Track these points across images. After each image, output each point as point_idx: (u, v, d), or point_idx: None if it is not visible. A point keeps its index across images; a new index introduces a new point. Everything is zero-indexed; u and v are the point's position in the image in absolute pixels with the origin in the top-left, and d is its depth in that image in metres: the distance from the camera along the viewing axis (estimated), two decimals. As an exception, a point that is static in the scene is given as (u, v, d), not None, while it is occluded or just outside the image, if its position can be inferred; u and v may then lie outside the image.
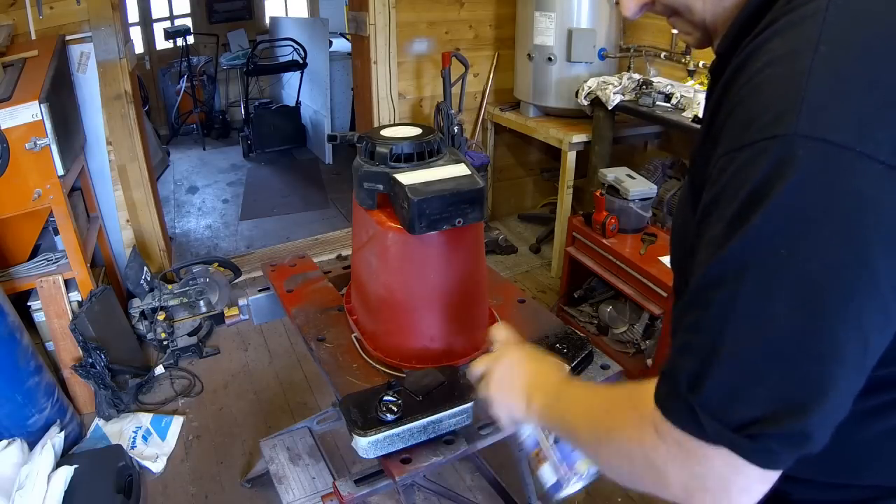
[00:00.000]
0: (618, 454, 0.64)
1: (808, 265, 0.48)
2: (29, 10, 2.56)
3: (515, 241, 3.79)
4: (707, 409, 0.53)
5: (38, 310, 2.36)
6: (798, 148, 0.47)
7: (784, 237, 0.48)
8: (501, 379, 0.86)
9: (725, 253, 0.52)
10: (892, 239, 0.47)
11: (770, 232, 0.49)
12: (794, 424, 0.50)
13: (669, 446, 0.57)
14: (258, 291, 1.80)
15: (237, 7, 7.02)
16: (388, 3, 3.30)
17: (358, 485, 1.18)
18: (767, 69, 0.52)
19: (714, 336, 0.52)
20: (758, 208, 0.49)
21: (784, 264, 0.48)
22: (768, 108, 0.50)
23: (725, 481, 0.54)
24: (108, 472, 1.90)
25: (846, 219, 0.47)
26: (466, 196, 1.16)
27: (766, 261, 0.49)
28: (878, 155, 0.46)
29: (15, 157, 2.08)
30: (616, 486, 2.06)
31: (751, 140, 0.51)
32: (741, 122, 0.53)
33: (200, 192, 4.88)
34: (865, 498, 0.67)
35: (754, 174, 0.49)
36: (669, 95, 2.72)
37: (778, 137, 0.48)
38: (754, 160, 0.50)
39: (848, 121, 0.47)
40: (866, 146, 0.46)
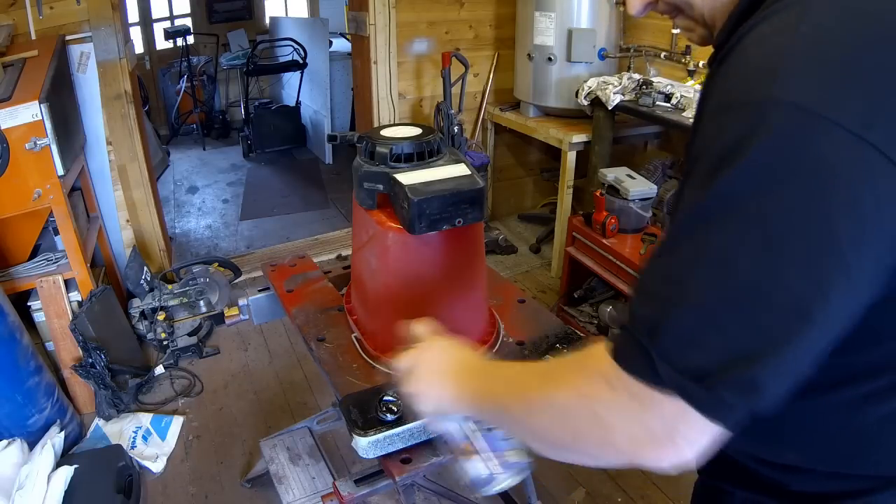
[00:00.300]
0: (557, 416, 0.63)
1: (773, 221, 0.50)
2: (29, 10, 2.56)
3: (515, 241, 3.79)
4: (663, 354, 0.54)
5: (38, 310, 2.36)
6: (771, 111, 0.50)
7: (752, 193, 0.50)
8: (427, 370, 0.84)
9: (695, 205, 0.54)
10: (853, 202, 0.49)
11: (739, 188, 0.51)
12: (745, 372, 0.51)
13: (619, 395, 0.57)
14: (258, 291, 1.80)
15: (237, 7, 7.02)
16: (388, 3, 3.30)
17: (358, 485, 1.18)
18: (752, 48, 0.56)
19: (677, 284, 0.54)
20: (730, 165, 0.51)
21: (750, 219, 0.50)
22: (748, 78, 0.53)
23: (673, 430, 0.55)
24: (108, 472, 1.90)
25: (810, 180, 0.49)
26: (466, 196, 1.16)
27: (734, 214, 0.51)
28: (845, 123, 0.48)
29: (15, 157, 2.08)
30: (616, 487, 2.07)
31: (730, 105, 0.54)
32: (724, 92, 0.56)
33: (200, 192, 4.88)
34: (863, 489, 0.68)
35: (730, 135, 0.52)
36: (669, 95, 2.72)
37: (753, 102, 0.51)
38: (731, 123, 0.53)
39: (819, 89, 0.50)
40: (833, 113, 0.48)
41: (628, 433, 0.57)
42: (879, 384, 0.62)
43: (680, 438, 0.55)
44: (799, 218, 0.49)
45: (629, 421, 0.57)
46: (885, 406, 0.63)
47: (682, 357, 0.53)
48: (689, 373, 0.52)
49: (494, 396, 0.73)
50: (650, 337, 0.55)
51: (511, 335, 1.46)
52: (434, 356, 0.85)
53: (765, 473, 0.73)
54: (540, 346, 1.40)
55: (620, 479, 2.10)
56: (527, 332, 1.47)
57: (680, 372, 0.53)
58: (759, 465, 0.74)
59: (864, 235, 0.50)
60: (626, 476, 2.11)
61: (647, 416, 0.56)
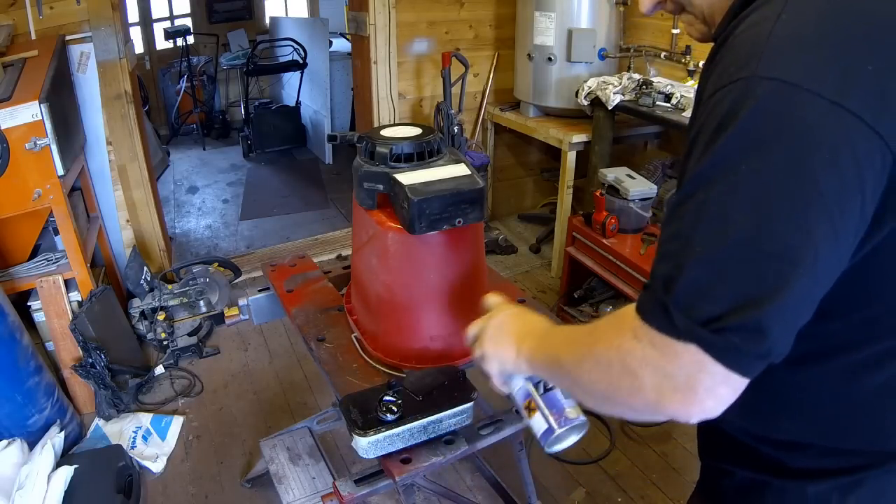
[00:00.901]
0: (597, 367, 0.67)
1: (763, 178, 0.56)
2: (29, 10, 2.56)
3: (515, 241, 3.79)
4: (678, 305, 0.58)
5: (38, 310, 2.36)
6: (757, 85, 0.57)
7: (743, 155, 0.57)
8: (493, 334, 0.90)
9: (697, 172, 0.60)
10: (833, 160, 0.55)
11: (732, 151, 0.57)
12: (752, 317, 0.55)
13: (644, 347, 0.61)
14: (258, 291, 1.80)
15: (237, 7, 7.01)
16: (388, 3, 3.30)
17: (358, 485, 1.18)
18: (740, 37, 0.62)
19: (685, 241, 0.59)
20: (723, 134, 0.58)
21: (744, 178, 0.56)
22: (738, 61, 0.60)
23: (693, 380, 0.59)
24: (108, 472, 1.90)
25: (794, 142, 0.55)
26: (466, 196, 1.16)
27: (728, 175, 0.57)
28: (823, 92, 0.54)
29: (15, 157, 2.08)
30: (616, 486, 2.07)
31: (722, 84, 0.60)
32: (718, 76, 0.62)
33: (200, 192, 4.88)
34: (859, 465, 0.71)
35: (723, 109, 0.59)
36: (669, 95, 2.72)
37: (742, 79, 0.58)
38: (724, 99, 0.59)
39: (799, 65, 0.56)
40: (813, 84, 0.55)
41: (653, 382, 0.61)
42: (874, 350, 0.66)
43: (700, 387, 0.59)
44: (785, 174, 0.55)
45: (653, 370, 0.61)
46: (875, 377, 0.67)
47: (693, 306, 0.58)
48: (701, 320, 0.57)
49: (550, 353, 0.78)
50: (665, 290, 0.60)
51: (511, 335, 1.45)
52: (500, 321, 0.91)
53: (764, 451, 0.76)
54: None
55: (620, 480, 2.10)
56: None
57: (692, 320, 0.57)
58: (759, 443, 0.77)
59: (845, 189, 0.55)
60: (626, 476, 2.11)
61: (669, 365, 0.59)
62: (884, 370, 0.67)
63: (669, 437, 2.27)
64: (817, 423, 0.72)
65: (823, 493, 0.73)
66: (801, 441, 0.73)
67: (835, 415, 0.71)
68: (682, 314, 0.58)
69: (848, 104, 0.54)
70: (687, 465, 2.13)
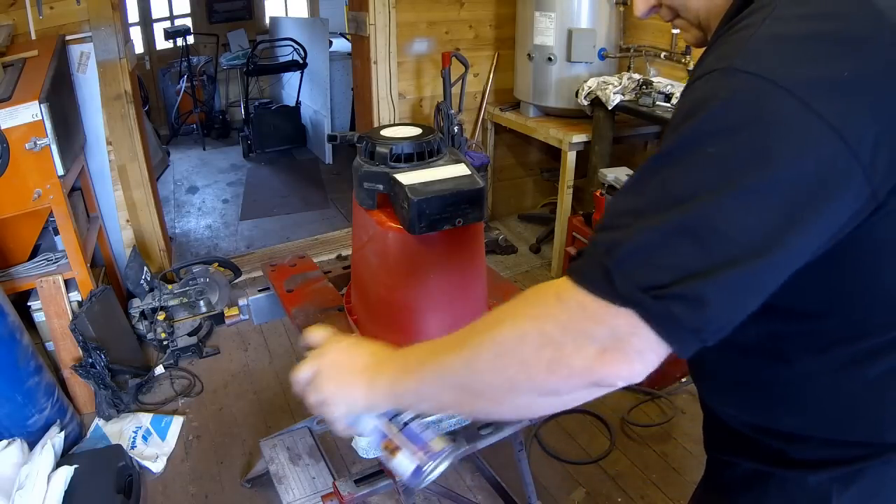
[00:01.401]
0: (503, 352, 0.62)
1: (727, 162, 0.56)
2: (29, 10, 2.56)
3: (515, 241, 3.79)
4: (619, 266, 0.57)
5: (38, 310, 2.36)
6: (732, 76, 0.58)
7: (710, 138, 0.57)
8: (333, 374, 0.79)
9: (662, 151, 0.60)
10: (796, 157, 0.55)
11: (699, 134, 0.58)
12: (694, 287, 0.55)
13: (570, 309, 0.59)
14: (258, 291, 1.80)
15: (237, 7, 7.02)
16: (388, 3, 3.30)
17: (358, 485, 1.18)
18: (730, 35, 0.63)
19: (639, 212, 0.59)
20: (694, 118, 0.58)
21: (707, 159, 0.57)
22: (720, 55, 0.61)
23: (624, 342, 0.57)
24: (108, 472, 1.90)
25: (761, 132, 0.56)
26: (466, 196, 1.16)
27: (693, 155, 0.58)
28: (795, 91, 0.55)
29: (15, 157, 2.08)
30: (616, 486, 2.07)
31: (699, 75, 0.62)
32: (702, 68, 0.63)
33: (200, 192, 4.88)
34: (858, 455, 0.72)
35: (696, 95, 0.60)
36: (669, 95, 2.72)
37: (719, 70, 0.59)
38: (699, 86, 0.61)
39: (775, 62, 0.57)
40: (786, 83, 0.56)
41: (579, 347, 0.58)
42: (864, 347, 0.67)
43: (630, 350, 0.58)
44: (748, 161, 0.55)
45: (580, 335, 0.59)
46: (872, 370, 0.68)
47: (636, 271, 0.57)
48: (643, 286, 0.56)
49: (415, 372, 0.71)
50: (608, 253, 0.58)
51: (511, 335, 1.45)
52: (335, 358, 0.80)
53: (765, 443, 0.77)
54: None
55: (620, 480, 2.10)
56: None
57: (634, 284, 0.56)
58: (760, 435, 0.77)
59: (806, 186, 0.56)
60: (626, 476, 2.11)
61: (599, 328, 0.58)
62: (880, 363, 0.68)
63: (669, 437, 2.27)
64: (816, 416, 0.73)
65: (824, 483, 0.74)
66: (801, 433, 0.74)
67: (833, 407, 0.71)
68: (623, 277, 0.57)
69: (817, 107, 0.55)
70: (687, 465, 2.13)
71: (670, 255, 0.56)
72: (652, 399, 2.43)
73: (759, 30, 0.60)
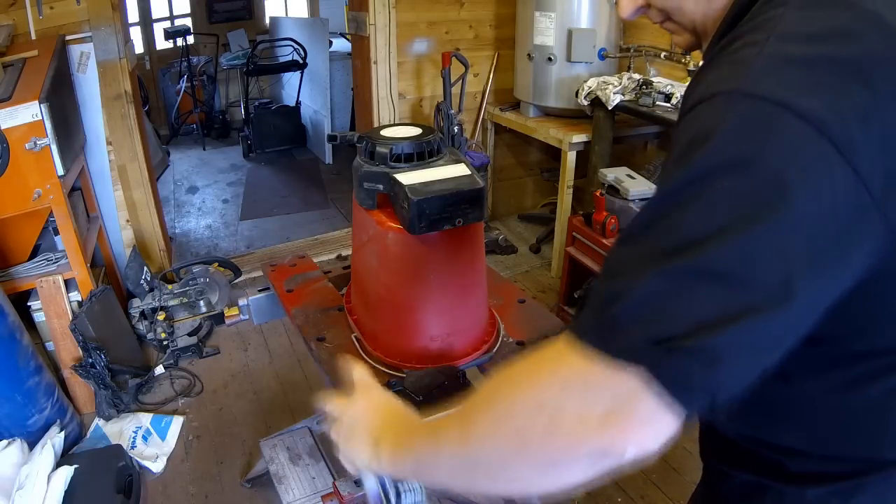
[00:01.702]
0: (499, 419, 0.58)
1: (739, 200, 0.51)
2: (29, 10, 2.56)
3: (515, 241, 3.79)
4: (625, 319, 0.52)
5: (38, 310, 2.36)
6: (738, 101, 0.53)
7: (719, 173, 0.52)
8: (348, 430, 0.80)
9: (666, 190, 0.56)
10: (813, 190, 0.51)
11: (707, 168, 0.53)
12: (708, 341, 0.50)
13: (571, 370, 0.54)
14: (258, 291, 1.80)
15: (237, 7, 7.02)
16: (388, 3, 3.30)
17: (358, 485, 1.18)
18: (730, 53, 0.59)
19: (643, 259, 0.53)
20: (699, 149, 0.53)
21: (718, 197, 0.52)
22: (722, 77, 0.57)
23: (629, 405, 0.52)
24: (108, 472, 1.90)
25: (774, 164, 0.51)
26: (466, 196, 1.16)
27: (702, 193, 0.53)
28: (809, 116, 0.51)
29: (15, 157, 2.08)
30: (616, 487, 2.07)
31: (702, 98, 0.57)
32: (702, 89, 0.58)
33: (200, 192, 4.88)
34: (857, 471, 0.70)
35: (700, 123, 0.55)
36: (669, 95, 2.72)
37: (724, 93, 0.55)
38: (702, 113, 0.56)
39: (785, 85, 0.53)
40: (799, 107, 0.51)
41: (579, 412, 0.53)
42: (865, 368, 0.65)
43: (637, 414, 0.52)
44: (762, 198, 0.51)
45: (581, 398, 0.53)
46: (873, 389, 0.66)
47: (642, 322, 0.52)
48: (649, 339, 0.51)
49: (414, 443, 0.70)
50: (610, 303, 0.53)
51: (511, 335, 1.46)
52: (360, 412, 0.81)
53: (763, 455, 0.75)
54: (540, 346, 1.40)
55: (620, 480, 2.10)
56: (527, 332, 1.47)
57: (640, 337, 0.51)
58: (759, 447, 0.76)
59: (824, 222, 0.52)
60: (626, 476, 2.11)
61: (602, 389, 0.52)
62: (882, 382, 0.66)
63: (669, 437, 2.27)
64: (815, 432, 0.71)
65: (822, 497, 0.71)
66: (799, 448, 0.73)
67: (833, 424, 0.70)
68: (628, 330, 0.52)
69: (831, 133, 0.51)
70: (687, 466, 2.13)
71: (681, 304, 0.51)
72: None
73: (764, 48, 0.55)
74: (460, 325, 1.35)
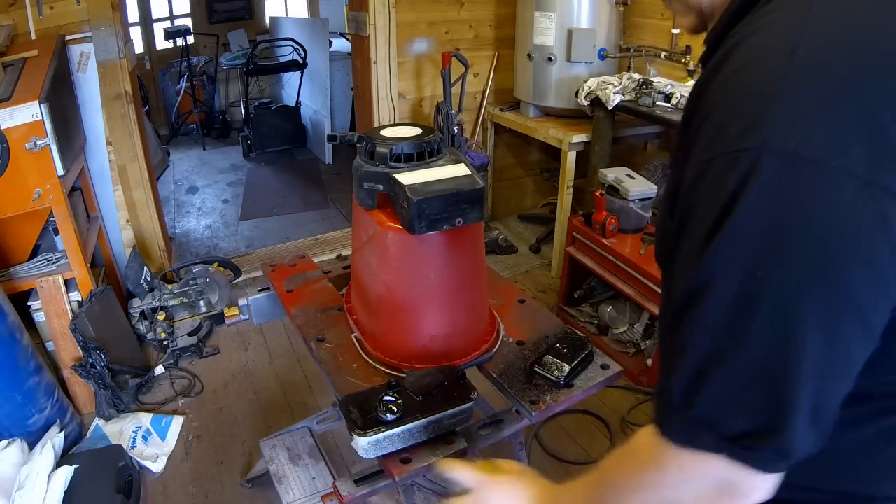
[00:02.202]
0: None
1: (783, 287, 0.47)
2: (29, 10, 2.56)
3: (515, 241, 3.79)
4: (702, 421, 0.55)
5: (38, 310, 2.36)
6: (766, 161, 0.46)
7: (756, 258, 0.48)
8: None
9: (700, 269, 0.52)
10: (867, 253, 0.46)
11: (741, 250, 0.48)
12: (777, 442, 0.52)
13: (672, 470, 0.59)
14: (258, 291, 1.80)
15: (237, 7, 7.01)
16: (388, 3, 3.30)
17: (358, 485, 1.18)
18: (744, 71, 0.51)
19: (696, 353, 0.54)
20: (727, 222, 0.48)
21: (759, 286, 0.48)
22: (740, 116, 0.49)
23: (731, 486, 0.56)
24: (108, 472, 1.90)
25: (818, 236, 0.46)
26: (466, 196, 1.16)
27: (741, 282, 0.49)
28: (854, 170, 0.45)
29: (15, 157, 2.07)
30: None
31: (722, 151, 0.50)
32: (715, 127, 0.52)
33: (200, 192, 4.88)
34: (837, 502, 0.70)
35: (723, 188, 0.49)
36: (669, 95, 2.72)
37: (747, 150, 0.47)
38: (724, 173, 0.49)
39: (821, 133, 0.45)
40: (841, 160, 0.44)
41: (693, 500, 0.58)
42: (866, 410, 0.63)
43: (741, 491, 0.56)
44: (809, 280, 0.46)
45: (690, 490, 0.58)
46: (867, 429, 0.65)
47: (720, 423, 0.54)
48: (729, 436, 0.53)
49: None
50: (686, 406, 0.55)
51: (511, 335, 1.46)
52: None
53: None
54: (540, 346, 1.40)
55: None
56: (527, 332, 1.47)
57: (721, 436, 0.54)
58: None
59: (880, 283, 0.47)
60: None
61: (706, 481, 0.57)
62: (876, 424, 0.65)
63: (669, 437, 2.27)
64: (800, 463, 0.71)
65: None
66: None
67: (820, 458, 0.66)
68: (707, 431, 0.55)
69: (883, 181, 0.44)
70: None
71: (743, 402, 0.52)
72: (652, 399, 2.43)
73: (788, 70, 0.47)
74: (460, 325, 1.35)
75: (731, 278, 0.49)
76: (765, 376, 0.50)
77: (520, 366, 1.35)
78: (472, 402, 1.17)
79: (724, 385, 0.53)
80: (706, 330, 0.53)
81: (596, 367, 1.36)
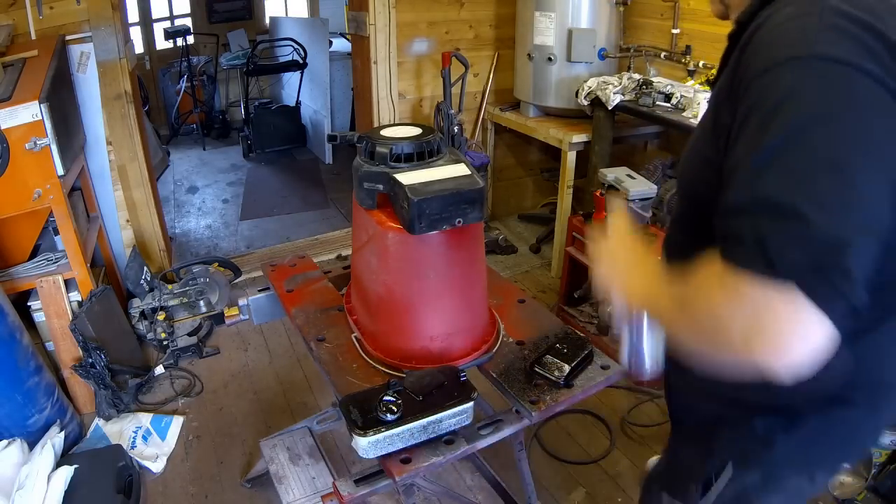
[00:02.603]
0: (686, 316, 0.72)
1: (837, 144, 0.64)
2: (29, 10, 2.56)
3: (515, 241, 3.79)
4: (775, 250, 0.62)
5: (38, 310, 2.36)
6: (813, 64, 0.66)
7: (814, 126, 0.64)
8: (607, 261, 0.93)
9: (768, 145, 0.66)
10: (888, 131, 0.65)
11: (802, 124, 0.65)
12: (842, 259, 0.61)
13: (730, 293, 0.65)
14: (258, 291, 1.80)
15: (237, 7, 7.01)
16: (388, 3, 3.30)
17: (358, 485, 1.18)
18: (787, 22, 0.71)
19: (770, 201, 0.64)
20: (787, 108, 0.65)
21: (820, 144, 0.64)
22: (788, 43, 0.69)
23: (783, 323, 0.62)
24: (108, 472, 1.90)
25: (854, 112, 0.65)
26: (466, 196, 1.16)
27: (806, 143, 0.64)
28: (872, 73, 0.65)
29: (15, 157, 2.08)
30: (616, 487, 2.07)
31: (774, 63, 0.68)
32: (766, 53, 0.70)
33: (200, 192, 4.88)
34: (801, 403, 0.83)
35: (780, 87, 0.67)
36: (669, 95, 2.72)
37: (796, 58, 0.67)
38: (778, 78, 0.67)
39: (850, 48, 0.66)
40: (864, 65, 0.65)
41: (740, 327, 0.64)
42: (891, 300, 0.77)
43: (789, 332, 0.62)
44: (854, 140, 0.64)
45: (741, 316, 0.64)
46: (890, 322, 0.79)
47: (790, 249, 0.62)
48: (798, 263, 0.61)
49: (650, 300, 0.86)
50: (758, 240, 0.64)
51: (511, 335, 1.46)
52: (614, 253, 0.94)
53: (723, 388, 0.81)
54: (540, 346, 1.40)
55: (620, 480, 2.10)
56: (527, 332, 1.47)
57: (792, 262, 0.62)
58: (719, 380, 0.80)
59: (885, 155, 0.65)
60: (626, 476, 2.11)
61: (758, 309, 0.63)
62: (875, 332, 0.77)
63: (669, 437, 2.27)
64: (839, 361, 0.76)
65: (770, 426, 0.86)
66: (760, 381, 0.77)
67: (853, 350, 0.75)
68: (780, 257, 0.62)
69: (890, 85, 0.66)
70: (687, 465, 2.13)
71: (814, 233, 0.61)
72: (652, 399, 2.43)
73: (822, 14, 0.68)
74: (460, 325, 1.35)
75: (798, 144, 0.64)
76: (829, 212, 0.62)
77: (520, 366, 1.35)
78: (472, 402, 1.17)
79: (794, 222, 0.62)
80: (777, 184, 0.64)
81: (596, 367, 1.36)
